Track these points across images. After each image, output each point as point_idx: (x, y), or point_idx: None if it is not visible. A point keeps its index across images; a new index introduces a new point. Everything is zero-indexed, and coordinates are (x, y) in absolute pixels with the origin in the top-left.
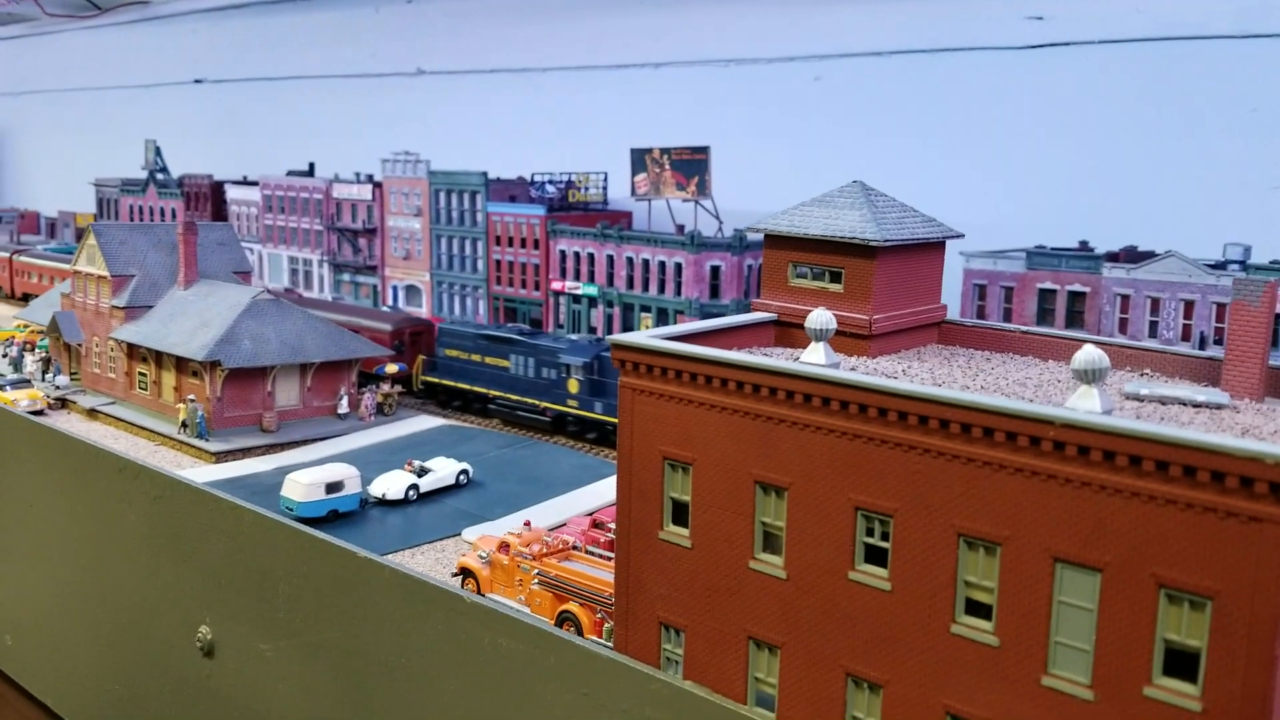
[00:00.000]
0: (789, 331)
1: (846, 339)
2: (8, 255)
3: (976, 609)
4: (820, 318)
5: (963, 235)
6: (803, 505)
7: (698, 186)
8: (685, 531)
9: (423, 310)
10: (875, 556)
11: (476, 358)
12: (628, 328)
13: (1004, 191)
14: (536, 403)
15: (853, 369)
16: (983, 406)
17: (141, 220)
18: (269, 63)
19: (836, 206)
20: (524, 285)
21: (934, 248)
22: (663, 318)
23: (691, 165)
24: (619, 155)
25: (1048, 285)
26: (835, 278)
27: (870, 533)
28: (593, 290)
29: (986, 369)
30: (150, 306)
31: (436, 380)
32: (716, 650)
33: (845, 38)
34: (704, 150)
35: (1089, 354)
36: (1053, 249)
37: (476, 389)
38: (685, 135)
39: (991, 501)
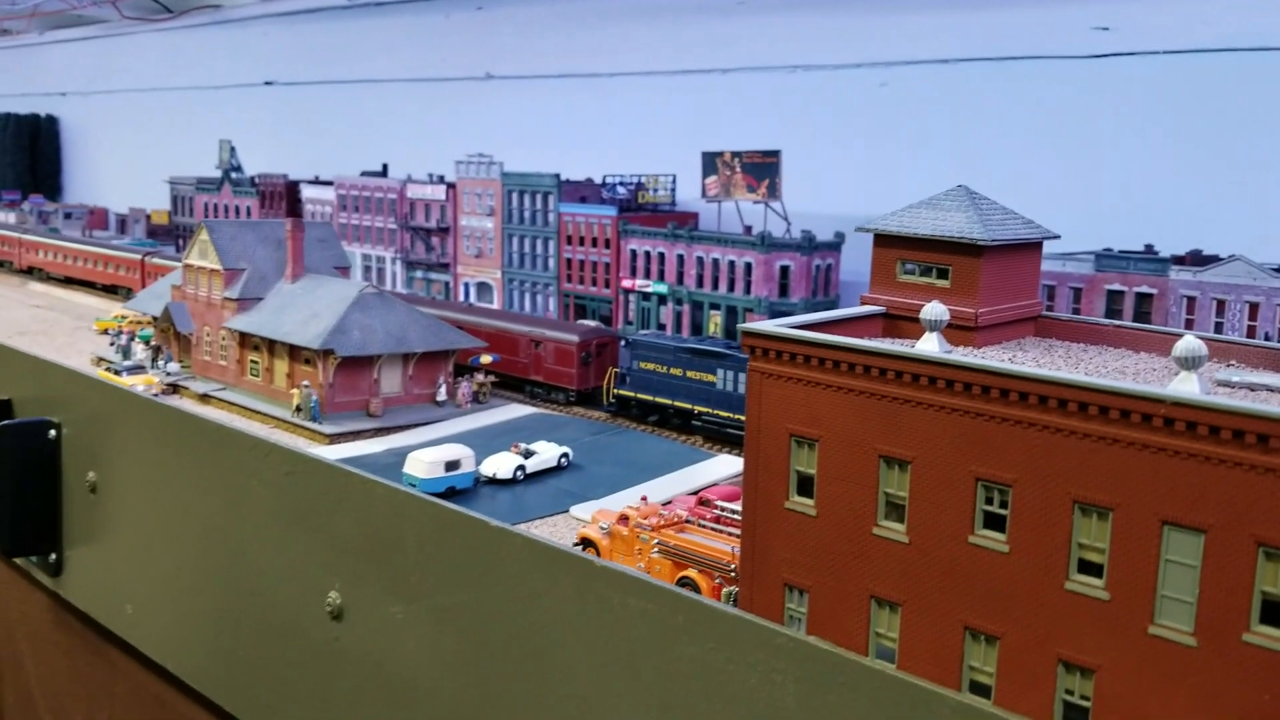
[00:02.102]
0: (896, 323)
1: (952, 330)
2: (139, 258)
3: (1088, 568)
4: (935, 310)
5: (1059, 236)
6: (925, 477)
7: (768, 189)
8: (810, 501)
9: (494, 304)
10: (994, 522)
11: (677, 371)
12: (696, 325)
13: (1069, 196)
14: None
15: (947, 354)
16: (1100, 387)
17: (216, 217)
18: (339, 66)
19: (943, 209)
20: (594, 283)
21: (1033, 247)
22: (732, 316)
23: (762, 168)
24: (685, 158)
25: (1116, 287)
26: (942, 274)
27: (990, 501)
28: (663, 288)
29: (1085, 358)
30: (260, 299)
31: (631, 394)
32: (839, 608)
33: (912, 45)
34: (775, 154)
35: (1189, 343)
36: (1120, 252)
37: (678, 404)
38: (751, 139)
39: (1105, 472)
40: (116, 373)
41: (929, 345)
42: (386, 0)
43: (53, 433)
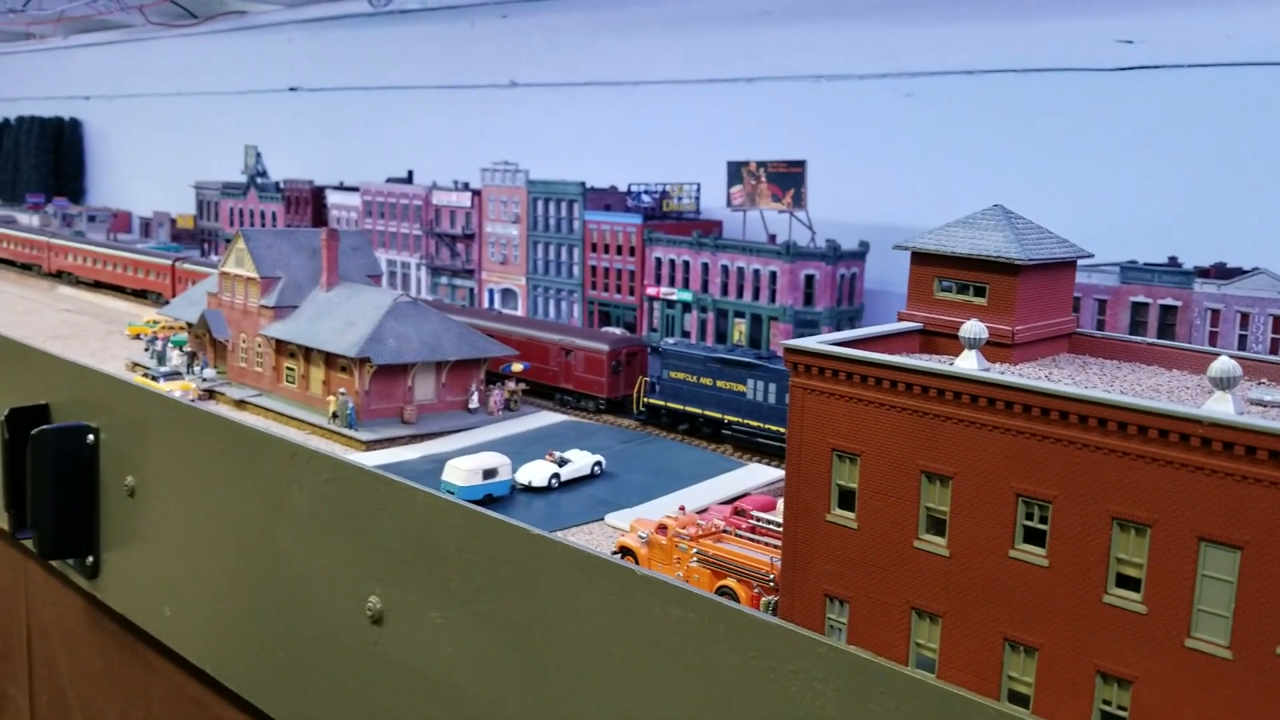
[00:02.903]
0: (932, 340)
1: (989, 347)
2: (169, 263)
3: (1127, 582)
4: (974, 328)
5: (1093, 255)
6: (966, 492)
7: (793, 199)
8: (851, 514)
9: (518, 310)
10: (1034, 537)
11: (707, 381)
12: (720, 333)
13: (1093, 208)
14: (782, 430)
15: (1001, 374)
16: (1140, 407)
17: (241, 223)
18: (363, 72)
19: (980, 228)
20: (619, 290)
21: (1067, 265)
22: (756, 324)
23: (788, 178)
24: (708, 167)
25: (1140, 299)
26: (979, 292)
27: (1030, 516)
28: (687, 296)
29: (1120, 375)
30: (295, 306)
31: (661, 403)
32: (880, 619)
33: (938, 56)
34: (800, 164)
35: (1224, 364)
36: (1144, 264)
37: (708, 413)
38: (775, 148)
39: (1143, 489)
40: (153, 378)
41: (968, 362)
42: (411, 8)
43: (91, 437)
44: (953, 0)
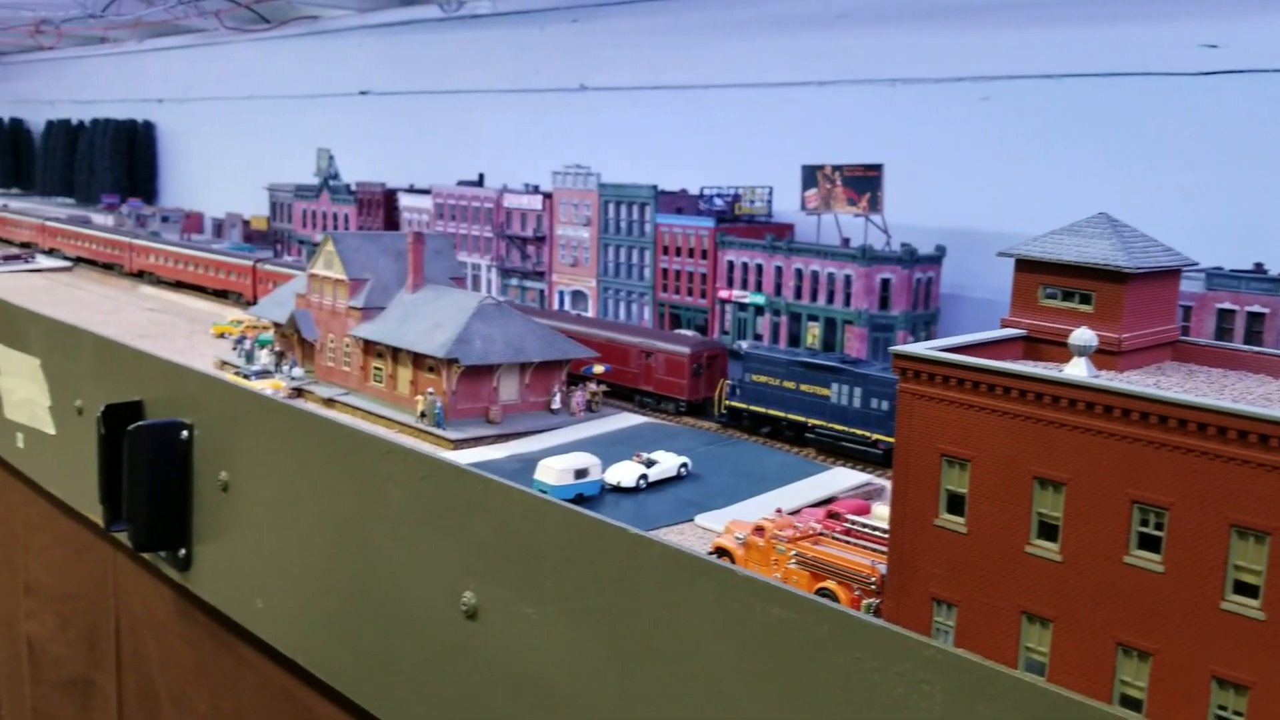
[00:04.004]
0: (1036, 346)
1: (1095, 355)
2: (250, 264)
3: (1244, 589)
4: (1084, 335)
5: (1198, 263)
6: (1080, 498)
7: (869, 202)
8: (961, 519)
9: (589, 312)
10: (1149, 543)
11: (790, 384)
12: (794, 336)
13: (1174, 214)
14: (868, 434)
15: (1115, 381)
16: (1259, 416)
17: (314, 225)
18: (434, 76)
19: (1086, 235)
20: (690, 293)
21: (1172, 274)
22: (830, 327)
23: (863, 182)
24: (780, 169)
25: (1226, 305)
26: (1085, 299)
27: (1145, 523)
28: (760, 299)
29: (1227, 384)
30: (382, 308)
31: (743, 406)
32: (989, 623)
33: (1015, 60)
34: (877, 168)
35: None
36: (1230, 271)
37: (791, 416)
38: (847, 151)
39: (1261, 497)
40: (245, 376)
41: (1078, 370)
42: (481, 12)
43: (184, 433)
44: (1030, 4)
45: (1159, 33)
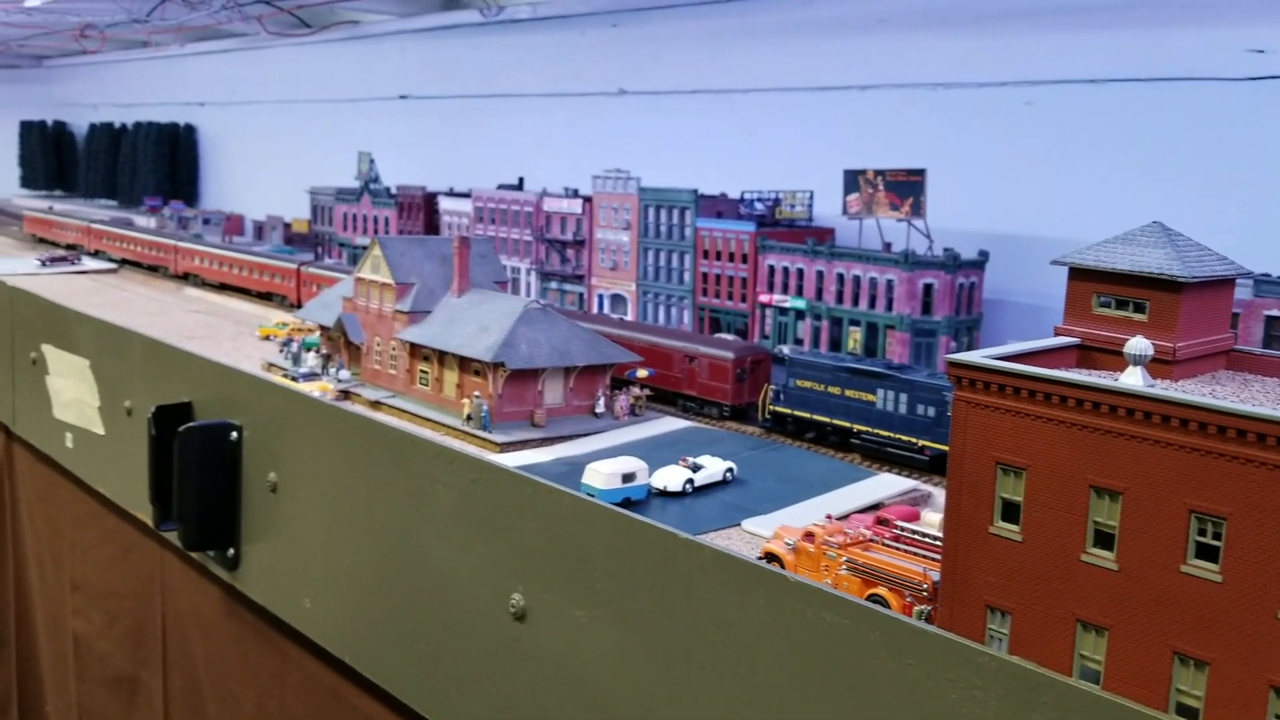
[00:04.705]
0: (1089, 355)
1: (1150, 363)
2: (295, 267)
3: None
4: (1140, 344)
5: (1253, 273)
6: (1137, 508)
7: (911, 207)
8: (1015, 527)
9: (628, 315)
10: (1206, 553)
11: (835, 390)
12: (835, 341)
13: (1220, 220)
14: (914, 440)
15: (1174, 391)
16: None
17: (354, 228)
18: (474, 80)
19: (1140, 244)
20: (730, 297)
21: (1226, 283)
22: (872, 332)
23: (906, 186)
24: (821, 174)
25: (1274, 313)
26: (1139, 308)
27: (1203, 533)
28: (801, 304)
29: None
30: (428, 312)
31: (788, 411)
32: (1043, 631)
33: (1059, 64)
34: (920, 173)
35: None
36: (1278, 277)
37: (837, 422)
38: (889, 156)
39: None
40: (292, 378)
41: (1133, 379)
42: (521, 17)
43: (234, 434)
44: (1074, 9)
45: (1205, 37)
